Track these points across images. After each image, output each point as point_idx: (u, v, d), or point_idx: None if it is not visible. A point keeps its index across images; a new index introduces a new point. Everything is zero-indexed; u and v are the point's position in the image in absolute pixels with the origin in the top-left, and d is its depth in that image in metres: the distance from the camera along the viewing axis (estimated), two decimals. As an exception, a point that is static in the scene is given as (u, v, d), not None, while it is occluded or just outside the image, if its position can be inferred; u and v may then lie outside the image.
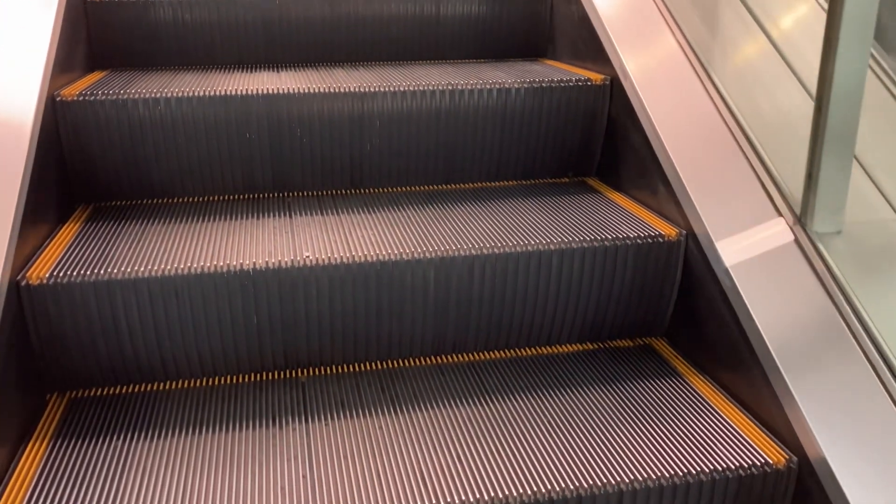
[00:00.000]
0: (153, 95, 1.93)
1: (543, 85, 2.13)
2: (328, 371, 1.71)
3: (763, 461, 1.43)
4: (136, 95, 1.93)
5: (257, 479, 1.35)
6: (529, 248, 1.73)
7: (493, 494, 1.33)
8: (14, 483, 1.33)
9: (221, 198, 2.05)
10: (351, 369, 1.72)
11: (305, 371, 1.71)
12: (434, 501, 1.31)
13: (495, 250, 1.71)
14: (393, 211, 1.95)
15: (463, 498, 1.32)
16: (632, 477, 1.38)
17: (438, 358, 1.77)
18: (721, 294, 1.63)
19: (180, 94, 1.94)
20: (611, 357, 1.80)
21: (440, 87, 2.07)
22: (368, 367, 1.73)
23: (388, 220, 1.88)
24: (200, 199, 2.04)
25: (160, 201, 2.02)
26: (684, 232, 1.78)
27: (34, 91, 1.72)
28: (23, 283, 1.51)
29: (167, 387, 1.65)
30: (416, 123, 2.08)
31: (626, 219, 1.88)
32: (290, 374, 1.70)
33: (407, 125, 2.07)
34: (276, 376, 1.69)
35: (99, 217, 1.90)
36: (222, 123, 1.97)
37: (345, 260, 1.65)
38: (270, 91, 1.99)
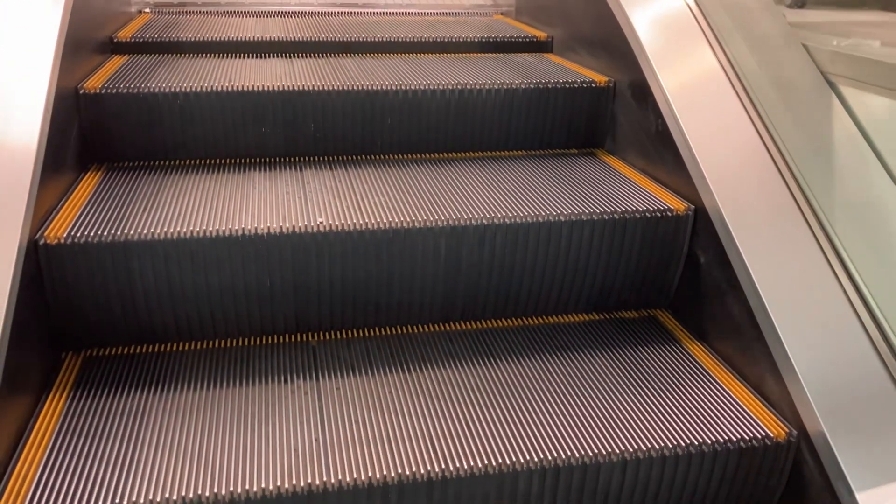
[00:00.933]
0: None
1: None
2: (339, 335, 1.74)
3: (763, 434, 1.47)
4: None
5: (270, 440, 1.39)
6: (540, 218, 1.75)
7: (500, 461, 1.37)
8: (34, 436, 1.37)
9: (235, 161, 2.06)
10: (361, 334, 1.75)
11: (316, 335, 1.73)
12: (443, 466, 1.35)
13: (506, 220, 1.73)
14: (405, 177, 1.97)
15: (471, 463, 1.36)
16: (635, 446, 1.42)
17: (447, 325, 1.80)
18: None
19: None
20: (616, 327, 1.83)
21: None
22: (378, 333, 1.76)
23: (400, 186, 1.90)
24: (214, 161, 2.05)
25: (174, 162, 2.03)
26: (692, 206, 1.79)
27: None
28: (41, 242, 1.53)
29: (180, 347, 1.68)
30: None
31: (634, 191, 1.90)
32: (302, 337, 1.73)
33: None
34: (287, 339, 1.72)
35: (114, 177, 1.91)
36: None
37: (358, 227, 1.66)
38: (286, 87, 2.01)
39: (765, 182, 1.70)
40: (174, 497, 1.26)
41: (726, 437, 1.46)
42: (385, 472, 1.33)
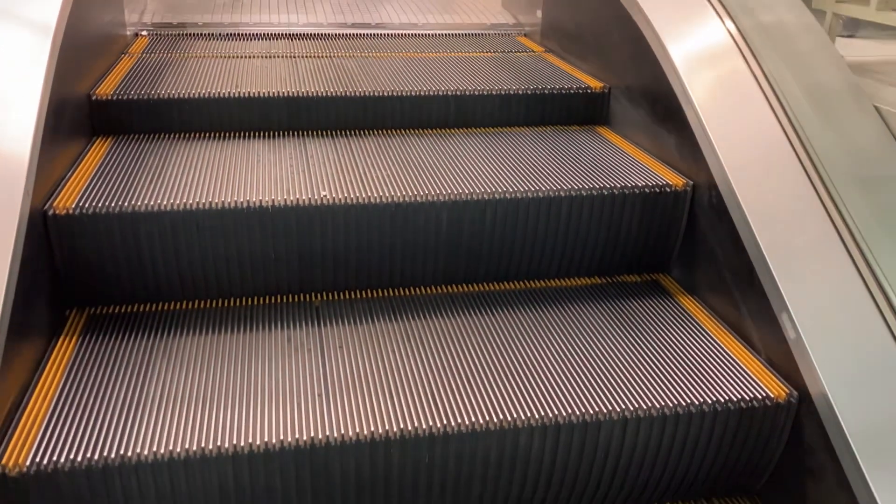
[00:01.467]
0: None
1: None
2: (342, 296, 1.76)
3: (764, 395, 1.48)
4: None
5: (273, 395, 1.40)
6: (540, 193, 1.77)
7: (501, 417, 1.38)
8: (43, 383, 1.40)
9: (240, 133, 2.11)
10: (364, 295, 1.77)
11: (319, 296, 1.76)
12: (444, 422, 1.36)
13: (507, 195, 1.76)
14: (407, 151, 2.00)
15: (472, 419, 1.37)
16: (636, 405, 1.43)
17: (450, 287, 1.82)
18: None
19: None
20: (618, 290, 1.85)
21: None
22: (381, 294, 1.78)
23: (402, 160, 1.93)
24: (219, 132, 2.10)
25: (179, 134, 2.08)
26: (691, 182, 1.81)
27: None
28: (49, 212, 1.56)
29: (184, 306, 1.70)
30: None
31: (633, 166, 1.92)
32: (305, 297, 1.75)
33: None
34: (290, 299, 1.74)
35: (120, 147, 1.95)
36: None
37: (361, 200, 1.69)
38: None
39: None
40: (178, 450, 1.28)
41: (727, 397, 1.46)
42: (387, 428, 1.35)
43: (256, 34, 2.84)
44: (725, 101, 1.81)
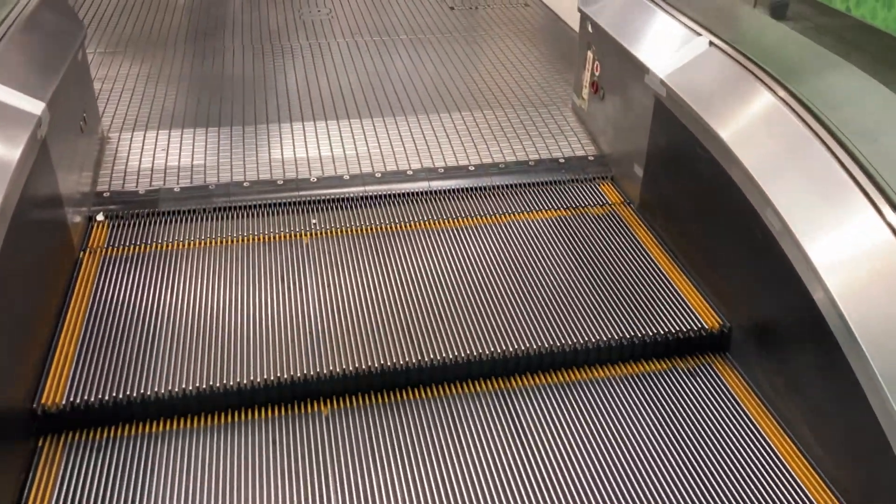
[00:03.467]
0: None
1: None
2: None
3: (700, 326, 1.71)
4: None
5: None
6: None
7: (468, 352, 1.61)
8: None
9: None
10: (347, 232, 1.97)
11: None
12: (419, 358, 1.59)
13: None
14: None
15: (443, 355, 1.60)
16: (586, 339, 1.66)
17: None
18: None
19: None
20: (580, 223, 2.09)
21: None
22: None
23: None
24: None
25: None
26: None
27: None
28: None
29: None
30: None
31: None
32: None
33: None
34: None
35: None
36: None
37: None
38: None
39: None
40: (189, 388, 1.50)
41: (667, 329, 1.71)
42: (369, 363, 1.58)
43: (249, 204, 2.15)
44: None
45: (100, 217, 2.08)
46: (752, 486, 1.39)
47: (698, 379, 1.64)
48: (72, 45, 2.12)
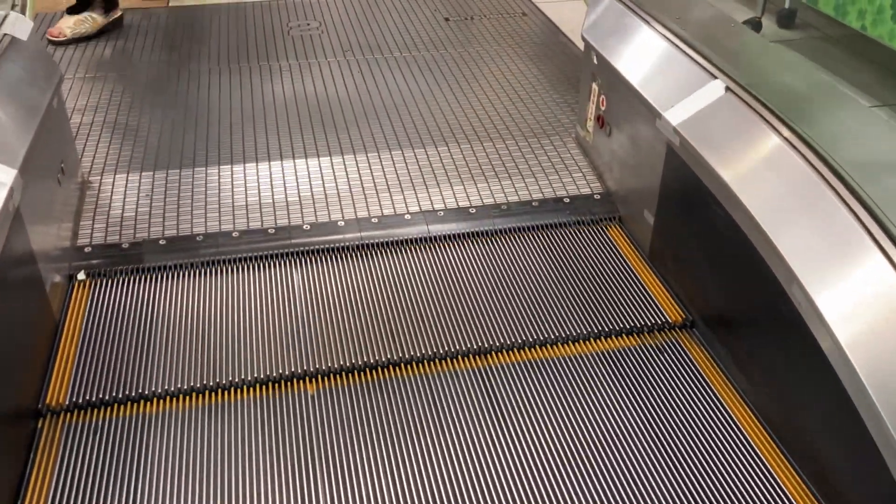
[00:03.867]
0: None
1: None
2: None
3: (664, 320, 1.84)
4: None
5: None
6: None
7: (446, 349, 1.76)
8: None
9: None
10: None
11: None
12: (400, 356, 1.72)
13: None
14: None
15: (423, 351, 1.74)
16: (556, 333, 1.80)
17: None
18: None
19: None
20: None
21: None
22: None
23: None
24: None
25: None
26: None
27: None
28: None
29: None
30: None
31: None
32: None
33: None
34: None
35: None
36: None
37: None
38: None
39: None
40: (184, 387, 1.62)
41: (633, 324, 1.83)
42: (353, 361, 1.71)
43: (236, 257, 2.03)
44: None
45: (81, 276, 1.96)
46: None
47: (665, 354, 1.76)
48: (46, 94, 1.98)
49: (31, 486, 1.45)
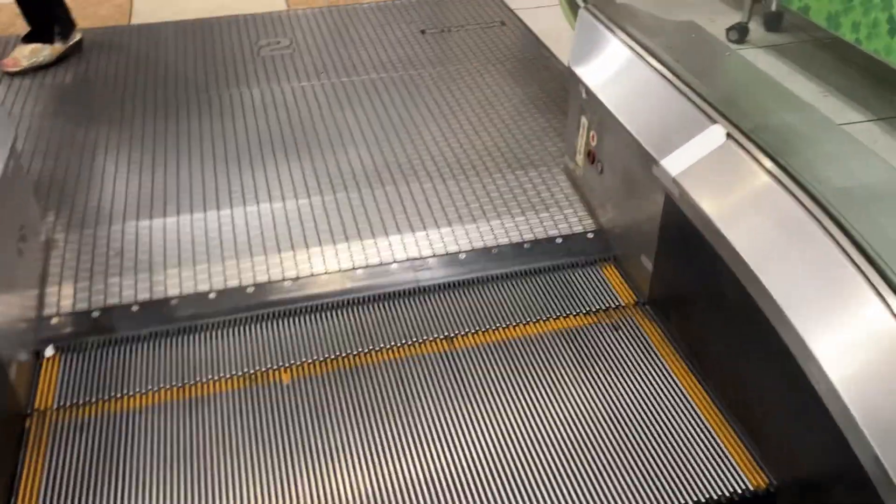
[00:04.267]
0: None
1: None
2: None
3: (619, 303, 1.97)
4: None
5: None
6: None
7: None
8: None
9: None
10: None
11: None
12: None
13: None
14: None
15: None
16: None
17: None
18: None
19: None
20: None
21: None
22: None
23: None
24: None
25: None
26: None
27: None
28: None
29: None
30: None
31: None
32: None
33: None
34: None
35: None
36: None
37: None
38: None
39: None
40: None
41: (591, 307, 1.96)
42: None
43: (217, 322, 1.93)
44: None
45: (49, 352, 1.84)
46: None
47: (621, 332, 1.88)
48: (-1, 160, 1.85)
49: None
